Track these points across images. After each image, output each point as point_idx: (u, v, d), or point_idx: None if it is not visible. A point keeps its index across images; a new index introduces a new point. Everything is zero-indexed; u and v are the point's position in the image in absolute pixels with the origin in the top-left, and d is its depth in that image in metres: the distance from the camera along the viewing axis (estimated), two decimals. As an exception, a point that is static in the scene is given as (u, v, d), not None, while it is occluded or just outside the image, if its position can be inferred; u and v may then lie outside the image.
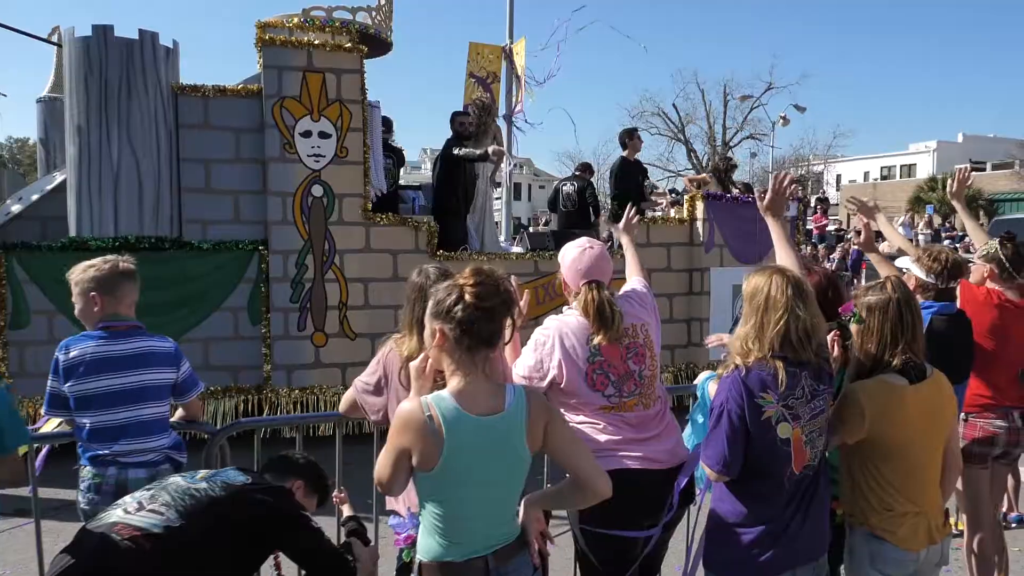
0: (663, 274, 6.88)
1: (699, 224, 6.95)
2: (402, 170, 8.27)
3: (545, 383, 2.42)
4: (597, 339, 2.39)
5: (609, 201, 8.27)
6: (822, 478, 2.24)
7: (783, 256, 2.55)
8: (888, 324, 2.30)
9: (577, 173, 8.77)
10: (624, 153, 8.04)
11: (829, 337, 2.47)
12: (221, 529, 2.10)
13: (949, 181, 3.98)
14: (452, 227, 6.74)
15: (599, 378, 2.41)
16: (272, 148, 5.74)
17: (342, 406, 2.66)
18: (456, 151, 6.79)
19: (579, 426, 2.42)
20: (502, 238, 8.66)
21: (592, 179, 9.06)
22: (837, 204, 38.00)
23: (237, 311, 5.82)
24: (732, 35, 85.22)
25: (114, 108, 5.44)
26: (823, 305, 2.34)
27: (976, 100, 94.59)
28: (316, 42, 5.82)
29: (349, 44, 5.92)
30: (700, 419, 2.58)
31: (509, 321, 1.88)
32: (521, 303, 2.75)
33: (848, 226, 29.91)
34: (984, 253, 3.50)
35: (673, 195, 10.89)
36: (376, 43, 7.19)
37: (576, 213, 8.07)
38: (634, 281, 2.77)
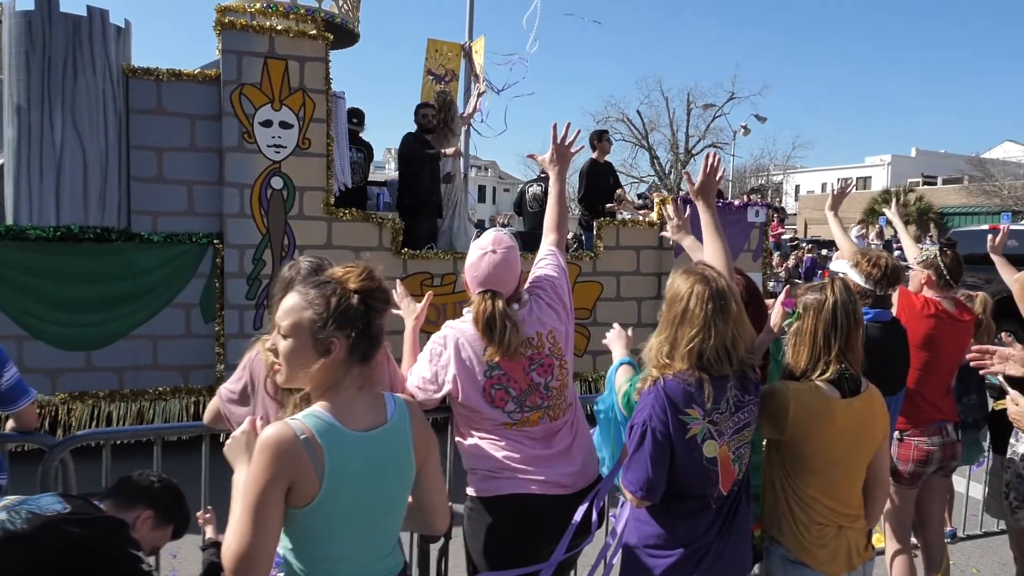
0: (632, 277, 6.80)
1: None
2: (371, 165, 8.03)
3: (439, 395, 2.22)
4: (488, 353, 2.16)
5: (576, 203, 8.12)
6: (745, 495, 2.11)
7: (711, 247, 2.38)
8: (821, 326, 2.14)
9: (543, 175, 8.66)
10: (593, 155, 7.94)
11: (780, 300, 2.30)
12: (19, 572, 1.68)
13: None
14: (418, 224, 6.55)
15: (498, 394, 2.19)
16: (230, 137, 5.46)
17: (206, 416, 2.35)
18: (409, 147, 6.63)
19: (479, 442, 2.22)
20: None
21: None
22: (795, 214, 38.89)
23: (189, 308, 5.52)
24: (696, 45, 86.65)
25: (58, 88, 5.09)
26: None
27: (929, 117, 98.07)
28: (279, 28, 5.57)
29: (314, 32, 5.68)
30: (601, 407, 2.37)
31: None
32: (420, 306, 2.55)
33: (805, 235, 30.77)
34: (923, 259, 3.38)
35: (641, 199, 10.85)
36: (342, 33, 6.96)
37: (542, 213, 7.93)
38: (544, 253, 2.45)
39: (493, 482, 2.19)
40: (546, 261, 2.43)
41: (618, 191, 7.80)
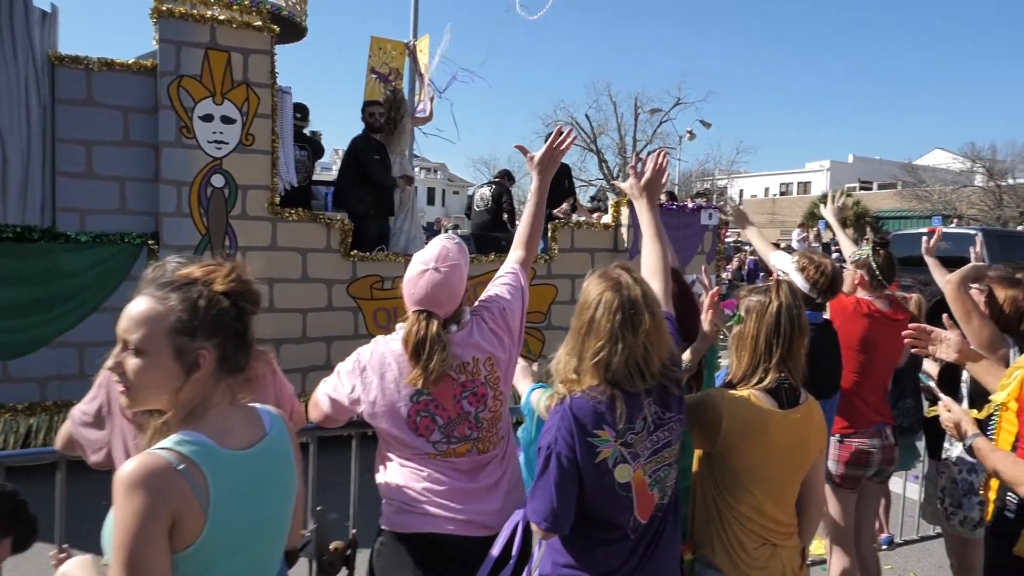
0: (587, 281, 6.73)
1: (624, 230, 6.84)
2: (317, 164, 7.74)
3: (353, 411, 2.07)
4: (410, 378, 1.99)
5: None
6: (671, 519, 1.91)
7: (650, 248, 2.22)
8: (764, 330, 2.03)
9: (496, 179, 8.56)
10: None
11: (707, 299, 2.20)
12: None
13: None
14: (367, 226, 6.33)
15: (423, 421, 2.02)
16: (167, 131, 5.15)
17: (58, 441, 2.07)
18: (367, 159, 6.41)
19: (400, 469, 2.05)
20: None
21: (512, 187, 8.86)
22: (739, 217, 39.87)
23: (120, 313, 5.16)
24: (644, 51, 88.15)
25: (-26, 75, 4.71)
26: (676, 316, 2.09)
27: (866, 124, 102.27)
28: (221, 18, 5.28)
29: (259, 23, 5.42)
30: (521, 436, 2.28)
31: None
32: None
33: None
34: (856, 258, 3.34)
35: (594, 202, 10.85)
36: (289, 27, 6.68)
37: (487, 212, 7.80)
38: (506, 271, 2.27)
39: (407, 516, 2.03)
40: (504, 280, 2.23)
41: (565, 205, 7.65)
